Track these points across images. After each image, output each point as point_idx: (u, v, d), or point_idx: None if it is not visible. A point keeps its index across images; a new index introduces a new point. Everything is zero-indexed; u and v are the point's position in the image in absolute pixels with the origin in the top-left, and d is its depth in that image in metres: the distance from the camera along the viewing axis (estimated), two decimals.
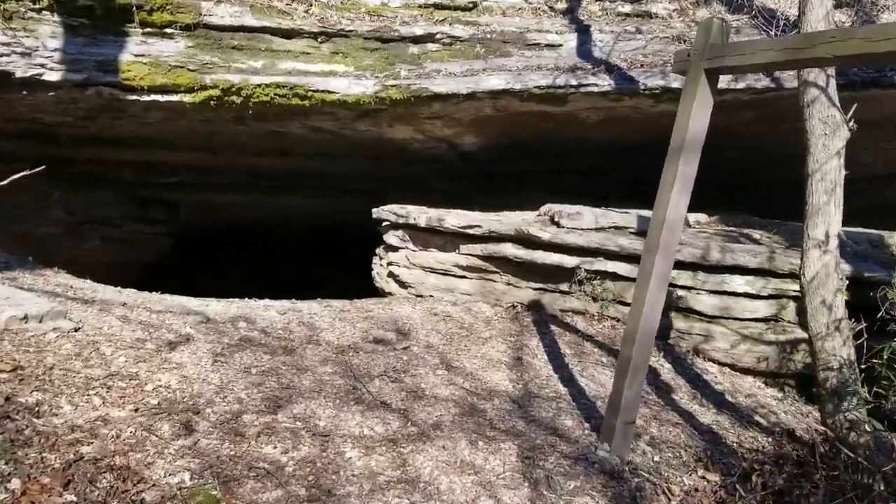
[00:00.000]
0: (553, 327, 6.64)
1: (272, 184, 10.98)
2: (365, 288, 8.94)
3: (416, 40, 7.57)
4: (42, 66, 6.51)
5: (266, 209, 12.64)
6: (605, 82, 7.41)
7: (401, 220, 7.97)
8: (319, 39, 7.35)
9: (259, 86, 7.11)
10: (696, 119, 3.87)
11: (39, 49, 6.44)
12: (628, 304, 7.10)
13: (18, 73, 6.43)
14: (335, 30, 7.35)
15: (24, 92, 6.70)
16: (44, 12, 6.42)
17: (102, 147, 8.93)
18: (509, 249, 7.14)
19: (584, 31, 8.22)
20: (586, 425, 4.56)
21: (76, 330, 4.41)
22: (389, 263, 8.18)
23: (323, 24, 7.33)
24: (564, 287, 7.15)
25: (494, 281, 7.47)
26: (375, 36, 7.46)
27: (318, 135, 8.62)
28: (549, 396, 4.97)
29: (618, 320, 6.91)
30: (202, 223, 13.28)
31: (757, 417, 5.62)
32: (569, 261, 6.99)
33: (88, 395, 3.54)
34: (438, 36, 7.64)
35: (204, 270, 15.17)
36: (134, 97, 6.95)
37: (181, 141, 8.96)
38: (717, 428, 5.04)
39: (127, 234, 11.34)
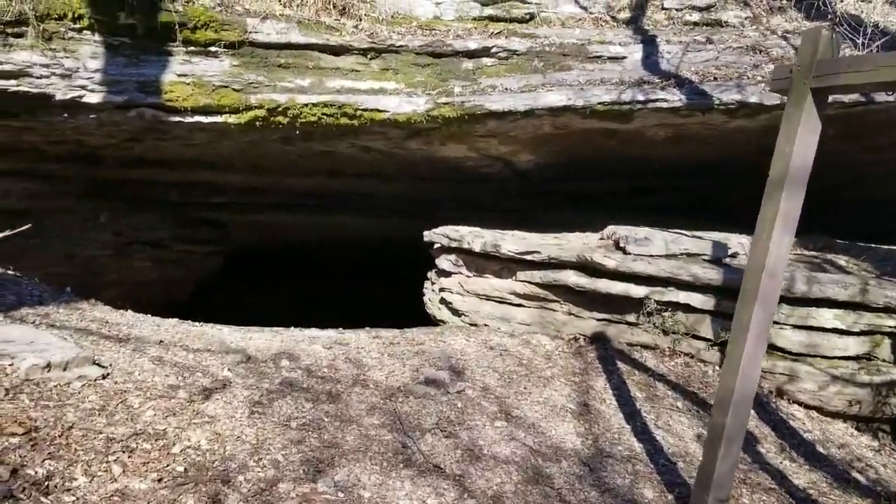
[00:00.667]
0: (620, 365, 6.09)
1: (320, 203, 10.65)
2: (415, 310, 8.52)
3: (471, 55, 7.12)
4: (83, 87, 6.26)
5: (314, 229, 12.33)
6: (675, 97, 6.83)
7: (454, 244, 7.52)
8: (369, 56, 6.97)
9: (306, 105, 6.75)
10: (801, 146, 3.32)
11: (80, 70, 6.19)
12: (703, 339, 6.56)
13: (59, 96, 6.19)
14: (385, 45, 6.95)
15: (66, 115, 6.47)
16: (84, 32, 6.17)
17: (148, 168, 8.70)
18: (571, 278, 6.62)
19: (649, 42, 7.66)
20: (669, 496, 4.01)
21: (104, 377, 4.06)
22: (442, 289, 7.73)
23: (373, 40, 6.94)
24: (631, 318, 6.59)
25: (554, 310, 6.96)
26: (427, 51, 7.03)
27: (368, 154, 8.24)
28: (624, 456, 4.43)
29: (691, 356, 6.32)
30: (249, 242, 13.03)
31: (854, 473, 4.99)
32: (636, 290, 6.42)
33: (108, 461, 3.16)
34: (494, 50, 7.18)
35: (250, 289, 14.99)
36: (177, 119, 6.66)
37: (228, 162, 8.68)
38: (814, 492, 4.44)
39: (175, 254, 11.14)
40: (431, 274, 8.22)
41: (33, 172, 8.45)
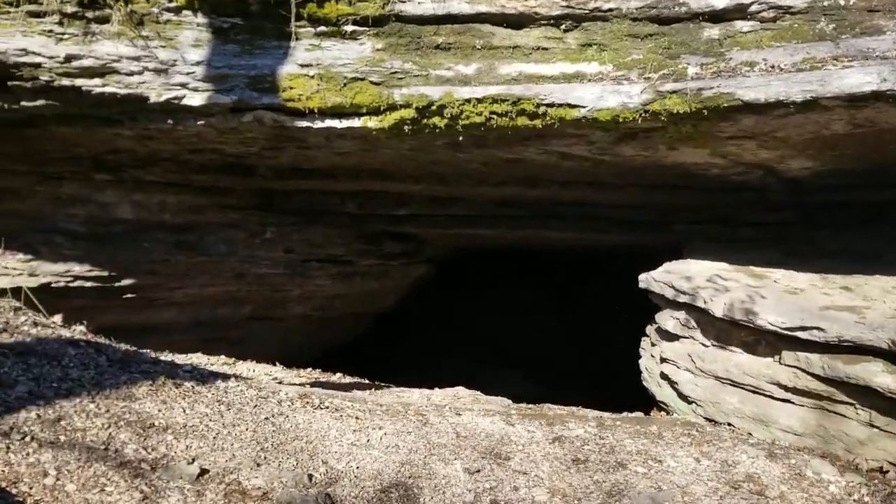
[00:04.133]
0: None
1: (519, 213, 8.65)
2: (630, 364, 6.31)
3: (716, 17, 4.68)
4: (182, 85, 4.82)
5: (517, 238, 10.44)
6: None
7: (682, 298, 5.17)
8: (563, 26, 4.83)
9: (468, 101, 4.79)
10: None
11: (178, 63, 4.75)
12: None
13: (153, 97, 4.81)
14: (587, 10, 4.76)
15: (170, 121, 5.10)
16: (184, 13, 4.71)
17: (310, 179, 7.29)
18: (877, 377, 4.03)
19: None
20: None
21: None
22: (664, 359, 5.41)
23: (569, 3, 4.79)
24: None
25: (845, 416, 4.38)
26: (649, 15, 4.71)
27: (569, 161, 6.10)
28: None
29: None
30: (452, 248, 11.43)
31: None
32: None
33: None
34: (754, 8, 4.67)
35: (458, 295, 13.57)
36: (303, 123, 5.03)
37: (396, 170, 7.01)
38: None
39: (364, 268, 9.84)
40: (651, 331, 5.92)
41: (189, 184, 7.40)
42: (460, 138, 5.15)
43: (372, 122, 4.95)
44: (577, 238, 9.43)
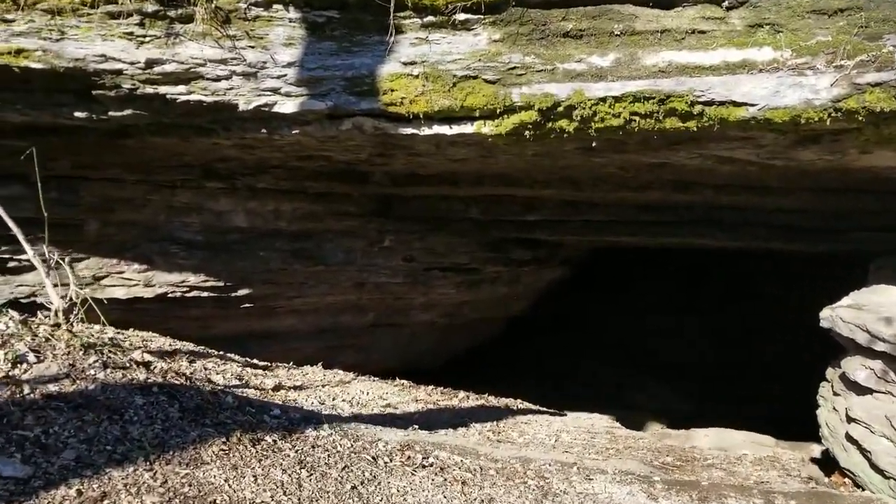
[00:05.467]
0: None
1: (665, 219, 7.59)
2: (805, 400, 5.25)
3: None
4: (273, 90, 4.25)
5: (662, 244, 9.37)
6: None
7: (879, 346, 4.04)
8: (725, 3, 3.85)
9: (603, 101, 3.92)
10: None
11: (267, 65, 4.18)
12: None
13: (242, 105, 4.28)
14: None
15: (264, 130, 4.56)
16: (275, 7, 4.13)
17: (427, 185, 6.63)
18: None
19: None
20: None
21: None
22: (851, 418, 4.30)
23: None
24: None
25: None
26: None
27: (728, 166, 5.08)
28: None
29: None
30: (578, 254, 10.48)
31: None
32: None
33: None
34: None
35: (586, 297, 12.63)
36: (408, 130, 4.34)
37: (523, 175, 6.22)
38: None
39: (492, 275, 9.15)
40: (833, 376, 4.80)
41: (304, 190, 6.95)
42: (594, 144, 4.28)
43: (487, 128, 4.19)
44: (733, 246, 8.28)
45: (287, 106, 4.25)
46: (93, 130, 4.92)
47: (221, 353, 7.49)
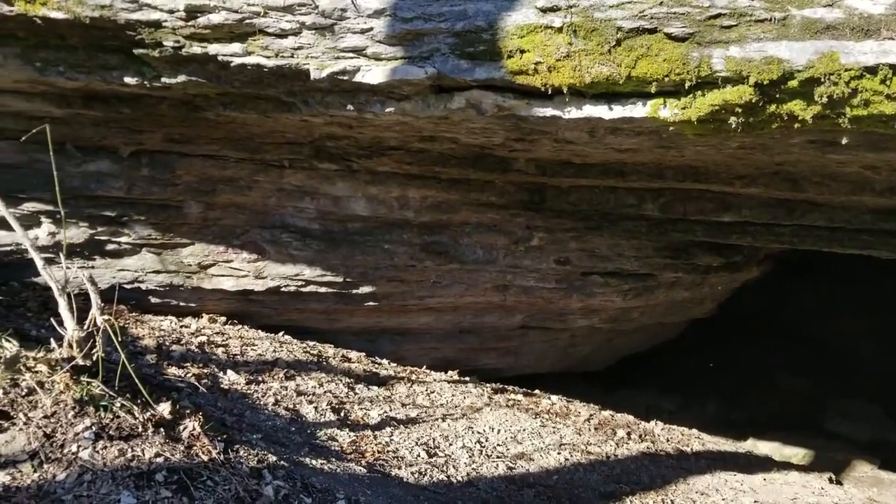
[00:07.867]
0: None
1: None
2: None
3: None
4: (355, 51, 2.97)
5: None
6: None
7: None
8: None
9: (869, 72, 2.28)
10: None
11: (348, 14, 2.90)
12: None
13: (313, 71, 3.03)
14: None
15: (350, 107, 3.31)
16: None
17: (586, 176, 5.14)
18: None
19: None
20: None
21: None
22: None
23: None
24: None
25: None
26: None
27: None
28: None
29: None
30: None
31: None
32: None
33: None
34: None
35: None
36: (545, 111, 2.91)
37: (718, 169, 4.58)
38: None
39: (669, 279, 7.53)
40: None
41: (435, 176, 5.71)
42: (844, 139, 2.64)
43: (667, 111, 2.67)
44: None
45: (374, 74, 2.96)
46: (160, 100, 3.93)
47: (342, 354, 6.53)
